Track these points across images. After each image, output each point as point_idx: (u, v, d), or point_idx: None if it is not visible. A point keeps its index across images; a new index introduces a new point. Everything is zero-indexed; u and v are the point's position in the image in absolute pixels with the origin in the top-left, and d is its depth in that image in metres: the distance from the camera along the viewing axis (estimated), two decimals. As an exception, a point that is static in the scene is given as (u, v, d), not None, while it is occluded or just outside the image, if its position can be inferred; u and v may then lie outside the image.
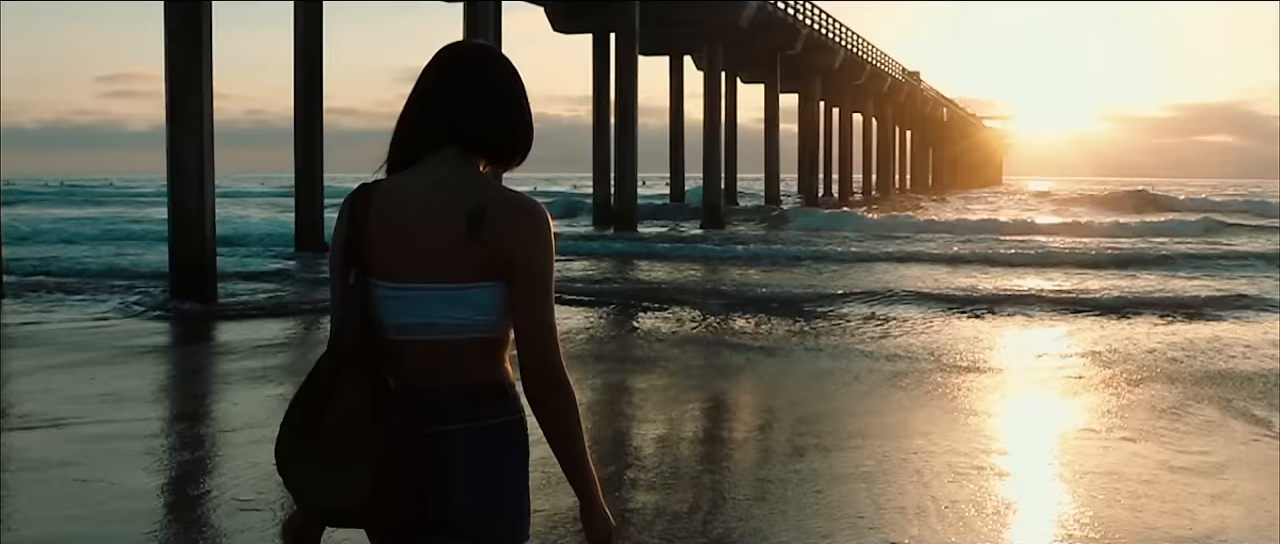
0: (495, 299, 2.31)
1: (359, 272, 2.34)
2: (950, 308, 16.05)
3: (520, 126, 2.43)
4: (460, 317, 2.30)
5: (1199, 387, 10.14)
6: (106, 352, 11.84)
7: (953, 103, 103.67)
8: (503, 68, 2.42)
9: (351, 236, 2.35)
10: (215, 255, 16.81)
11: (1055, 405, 9.59)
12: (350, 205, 2.37)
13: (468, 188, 2.33)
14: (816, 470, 7.11)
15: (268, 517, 6.02)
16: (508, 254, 2.29)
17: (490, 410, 2.32)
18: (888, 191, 74.05)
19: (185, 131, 16.22)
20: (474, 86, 2.38)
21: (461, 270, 2.29)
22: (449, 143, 2.37)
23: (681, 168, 46.88)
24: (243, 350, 12.14)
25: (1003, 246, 27.74)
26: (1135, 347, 12.60)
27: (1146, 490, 6.67)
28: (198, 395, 10.08)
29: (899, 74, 74.24)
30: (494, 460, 2.32)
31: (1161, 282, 20.19)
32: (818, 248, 27.09)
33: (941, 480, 6.85)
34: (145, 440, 7.75)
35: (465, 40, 2.54)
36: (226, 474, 7.05)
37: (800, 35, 46.25)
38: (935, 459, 7.37)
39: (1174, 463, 7.33)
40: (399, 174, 2.40)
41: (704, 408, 9.55)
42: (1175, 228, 34.63)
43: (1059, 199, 64.40)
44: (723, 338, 13.51)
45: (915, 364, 11.33)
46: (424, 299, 2.31)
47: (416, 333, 2.31)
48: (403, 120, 2.42)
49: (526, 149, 2.46)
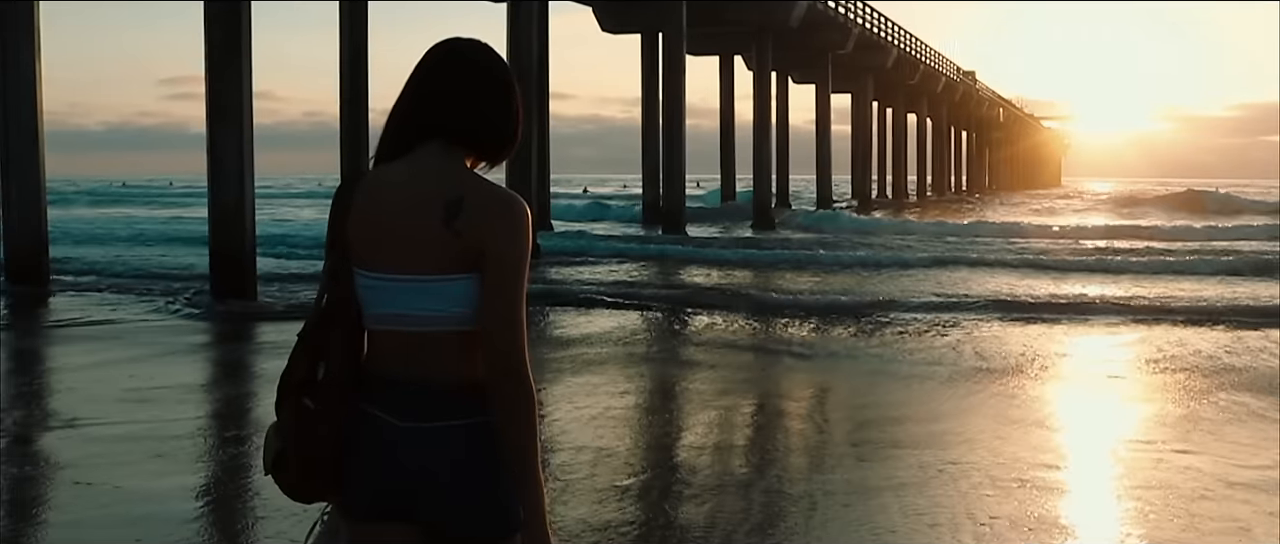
0: (470, 291, 2.30)
1: (337, 259, 2.38)
2: (997, 313, 15.62)
3: (504, 120, 2.43)
4: (435, 308, 2.30)
5: (1259, 397, 9.70)
6: (138, 351, 11.72)
7: (1009, 103, 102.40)
8: (491, 63, 2.43)
9: (334, 225, 2.39)
10: (255, 254, 16.71)
11: (1106, 415, 9.20)
12: (339, 194, 2.41)
13: (447, 179, 2.33)
14: (851, 481, 6.78)
15: (293, 519, 5.79)
16: (481, 246, 2.28)
17: (471, 408, 2.31)
18: (943, 193, 73.22)
19: (225, 129, 16.11)
20: (461, 80, 2.40)
21: (438, 262, 2.29)
22: (435, 135, 2.38)
23: (732, 169, 46.45)
24: (280, 351, 11.97)
25: (1055, 251, 27.11)
26: (1190, 354, 12.13)
27: (1201, 508, 6.29)
28: (226, 396, 9.91)
29: (954, 74, 73.34)
30: (483, 456, 2.31)
31: (1208, 288, 19.59)
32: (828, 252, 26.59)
33: (980, 492, 6.51)
34: (158, 443, 7.56)
35: (459, 37, 2.49)
36: (246, 476, 6.84)
37: (851, 34, 45.73)
38: (975, 471, 7.02)
39: (1232, 478, 6.93)
40: (387, 165, 2.41)
41: (729, 413, 9.24)
42: (1230, 232, 33.58)
43: (1119, 199, 63.23)
44: (756, 342, 13.20)
45: (957, 370, 10.96)
46: (400, 290, 2.32)
47: (393, 323, 2.33)
48: (393, 112, 2.44)
49: (512, 144, 2.45)
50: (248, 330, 13.78)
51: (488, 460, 2.31)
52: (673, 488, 6.70)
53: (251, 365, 11.70)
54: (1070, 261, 23.48)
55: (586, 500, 6.19)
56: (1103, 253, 25.68)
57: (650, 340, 13.28)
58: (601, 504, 6.08)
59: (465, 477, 2.30)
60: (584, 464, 6.86)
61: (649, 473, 6.99)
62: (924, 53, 62.44)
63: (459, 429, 2.31)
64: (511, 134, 2.44)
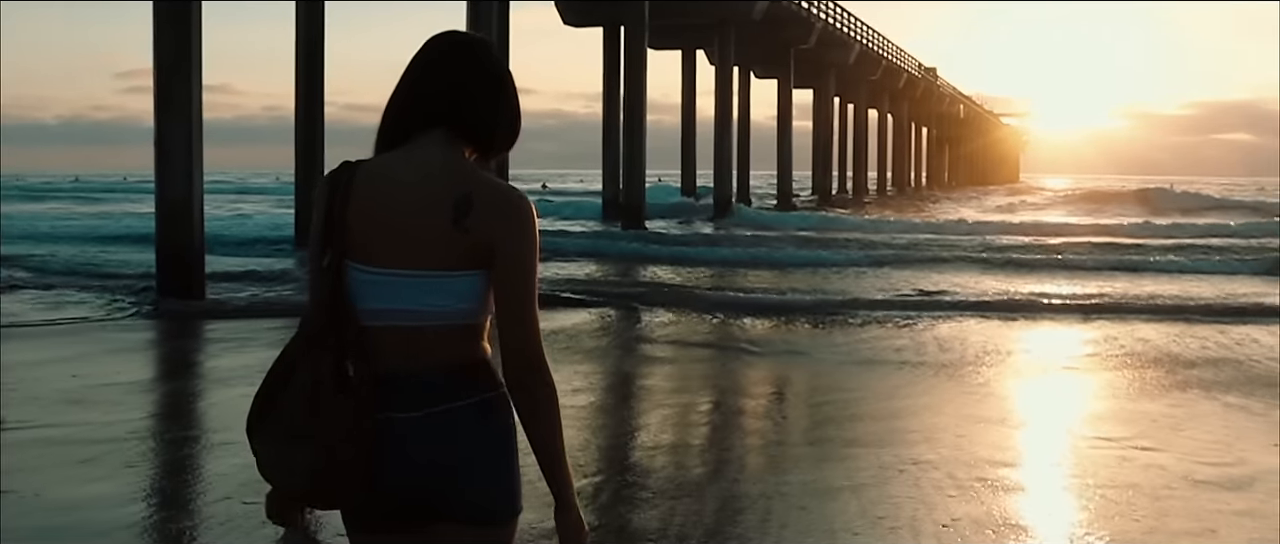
0: (476, 287, 2.29)
1: (334, 254, 2.30)
2: (956, 310, 15.51)
3: (508, 113, 2.43)
4: (441, 304, 2.28)
5: (1219, 394, 9.59)
6: (78, 351, 11.36)
7: (970, 99, 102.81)
8: (492, 56, 2.43)
9: (330, 218, 2.31)
10: (204, 251, 16.32)
11: (1068, 411, 9.03)
12: (330, 184, 2.34)
13: (454, 175, 2.31)
14: (809, 481, 6.57)
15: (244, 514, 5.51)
16: (491, 243, 2.27)
17: (473, 387, 2.30)
18: (903, 189, 73.34)
19: (172, 122, 15.70)
20: (464, 70, 2.38)
21: (445, 258, 2.27)
22: (436, 125, 2.35)
23: (694, 164, 46.21)
24: (225, 350, 11.67)
25: (1014, 249, 27.03)
26: (1148, 350, 12.03)
27: (1167, 507, 6.11)
28: (165, 397, 9.58)
29: (915, 70, 73.49)
30: (482, 437, 2.30)
31: (1165, 285, 19.57)
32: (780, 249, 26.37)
33: (942, 492, 6.31)
34: (88, 447, 7.24)
35: (457, 31, 2.47)
36: (180, 482, 6.55)
37: (814, 29, 45.64)
38: (936, 470, 6.82)
39: (1196, 476, 6.76)
40: (384, 156, 2.37)
41: (685, 412, 9.02)
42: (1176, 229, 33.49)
43: (1075, 197, 63.37)
44: (712, 338, 13.00)
45: (915, 366, 10.80)
46: (404, 286, 2.28)
47: (394, 318, 2.29)
48: (392, 102, 2.40)
49: (513, 137, 2.45)
50: (194, 330, 13.44)
51: (491, 439, 2.31)
52: (625, 491, 6.46)
53: (196, 365, 11.38)
54: (1026, 259, 23.32)
55: (535, 504, 5.86)
56: (1059, 250, 25.56)
57: (605, 338, 13.04)
58: (551, 507, 5.83)
59: (471, 456, 2.29)
60: (533, 466, 6.58)
61: (601, 475, 6.75)
62: (886, 49, 62.47)
63: (460, 410, 2.28)
64: (512, 127, 2.44)
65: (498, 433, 2.32)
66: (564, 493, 2.35)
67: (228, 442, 7.58)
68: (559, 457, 2.35)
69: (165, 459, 7.23)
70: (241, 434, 2.40)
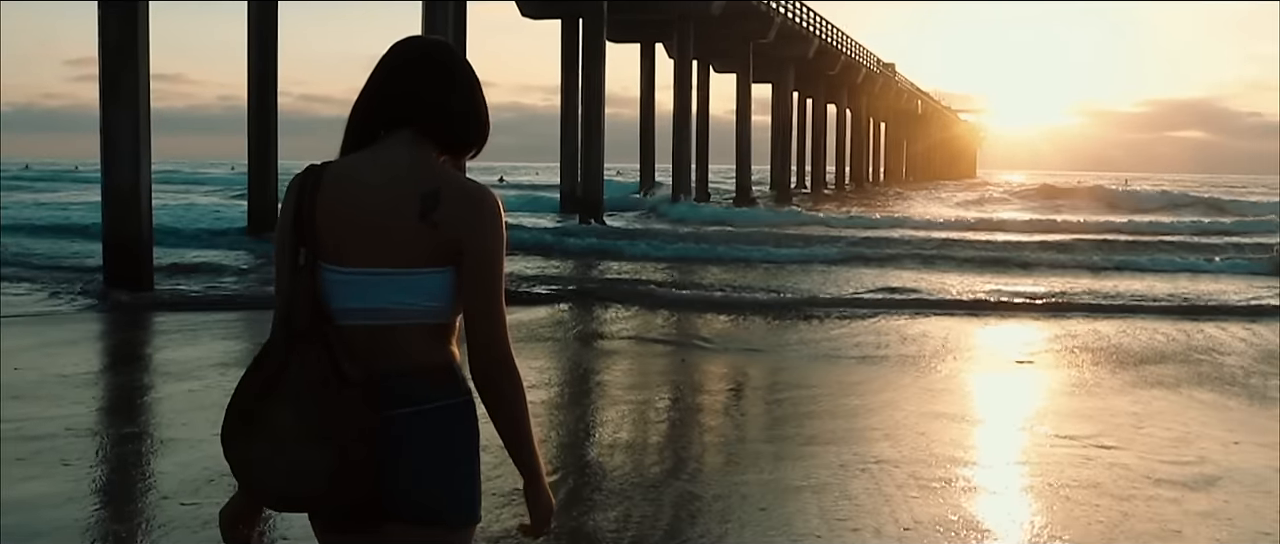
0: (445, 285, 2.29)
1: (308, 253, 2.30)
2: (911, 307, 15.46)
3: (476, 114, 2.44)
4: (409, 302, 2.28)
5: (1180, 390, 9.56)
6: (20, 344, 11.05)
7: (928, 95, 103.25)
8: (458, 58, 2.44)
9: (300, 217, 2.31)
10: (152, 241, 16.00)
11: (1028, 409, 8.95)
12: (299, 185, 2.34)
13: (420, 173, 2.31)
14: (768, 481, 6.43)
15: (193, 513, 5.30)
16: (458, 240, 2.27)
17: (440, 392, 2.30)
18: (862, 184, 73.49)
19: (119, 109, 15.36)
20: (431, 73, 2.39)
21: (412, 256, 2.27)
22: (404, 125, 2.36)
23: (652, 159, 45.99)
24: (172, 344, 11.41)
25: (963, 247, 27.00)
26: (1106, 347, 12.00)
27: (1131, 507, 6.02)
28: (109, 392, 9.32)
29: (874, 65, 73.62)
30: (445, 442, 2.30)
31: (1121, 282, 19.61)
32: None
33: (904, 493, 6.19)
34: (23, 444, 6.99)
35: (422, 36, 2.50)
36: (128, 479, 6.33)
37: (773, 24, 45.53)
38: (897, 469, 6.70)
39: (1158, 475, 6.68)
40: (351, 157, 2.37)
41: (641, 409, 8.87)
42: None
43: (1030, 193, 63.56)
44: (669, 334, 12.86)
45: (872, 362, 10.71)
46: (373, 284, 2.28)
47: (363, 317, 2.29)
48: (358, 104, 2.41)
49: (482, 139, 2.45)
50: (141, 322, 13.14)
51: (454, 444, 2.32)
52: (581, 490, 6.31)
53: (141, 359, 11.10)
54: (983, 256, 23.13)
55: (485, 505, 5.75)
56: (1017, 247, 25.45)
57: (561, 333, 12.86)
58: (503, 509, 5.66)
59: (434, 460, 2.30)
60: (485, 466, 6.41)
61: (556, 475, 6.57)
62: (844, 44, 62.49)
63: (427, 413, 2.29)
64: (480, 128, 2.45)
65: (459, 441, 2.33)
66: (533, 472, 2.38)
67: (172, 439, 7.36)
68: (527, 443, 2.37)
69: (104, 457, 6.99)
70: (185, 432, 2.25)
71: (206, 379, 9.34)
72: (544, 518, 2.43)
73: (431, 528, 2.31)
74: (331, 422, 2.21)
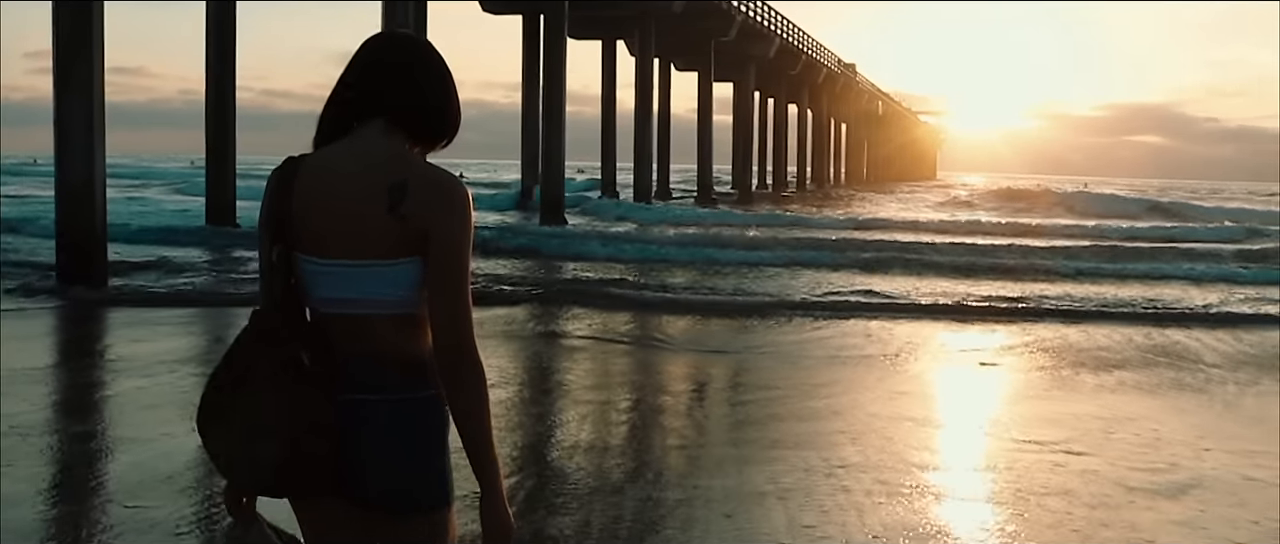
0: (414, 275, 2.31)
1: (281, 247, 2.34)
2: (871, 310, 15.38)
3: (448, 105, 2.46)
4: (380, 292, 2.31)
5: (1147, 395, 9.51)
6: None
7: (888, 96, 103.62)
8: (431, 51, 2.47)
9: (275, 211, 2.35)
10: (106, 236, 15.71)
11: (996, 414, 8.86)
12: (276, 179, 2.38)
13: (390, 163, 2.34)
14: (733, 487, 6.28)
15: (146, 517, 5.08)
16: (426, 230, 2.29)
17: (411, 383, 2.32)
18: (823, 184, 73.62)
19: (73, 101, 15.06)
20: (406, 65, 2.42)
21: (382, 246, 2.30)
22: (376, 116, 2.38)
23: (613, 157, 45.80)
24: (125, 341, 11.14)
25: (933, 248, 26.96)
26: (1071, 351, 11.96)
27: (1103, 515, 5.92)
28: (58, 391, 9.05)
29: (835, 65, 73.73)
30: (415, 431, 2.32)
31: (1084, 287, 19.62)
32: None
33: (872, 499, 6.06)
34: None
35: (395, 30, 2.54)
36: (74, 480, 6.10)
37: (735, 22, 45.47)
38: (864, 474, 6.58)
39: (1130, 482, 6.59)
40: (326, 148, 2.40)
41: (603, 410, 8.71)
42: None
43: (987, 195, 63.84)
44: (630, 335, 12.71)
45: (840, 366, 10.61)
46: (346, 274, 2.32)
47: (339, 307, 2.33)
48: (332, 98, 2.43)
49: (453, 130, 2.48)
50: (94, 318, 12.86)
51: (422, 434, 2.32)
52: (541, 493, 6.14)
53: (93, 357, 10.83)
54: (943, 261, 23.04)
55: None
56: (981, 251, 25.37)
57: (520, 333, 12.67)
58: (459, 515, 5.48)
59: (401, 448, 2.31)
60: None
61: (516, 476, 6.40)
62: (806, 43, 62.53)
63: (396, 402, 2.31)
64: (451, 119, 2.46)
65: (430, 431, 2.34)
66: (490, 481, 2.34)
67: (120, 438, 7.15)
68: (486, 445, 2.34)
69: (50, 457, 6.75)
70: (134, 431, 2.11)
71: (158, 376, 9.11)
72: (499, 538, 2.35)
73: (407, 517, 2.33)
74: (281, 415, 2.24)
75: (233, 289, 15.27)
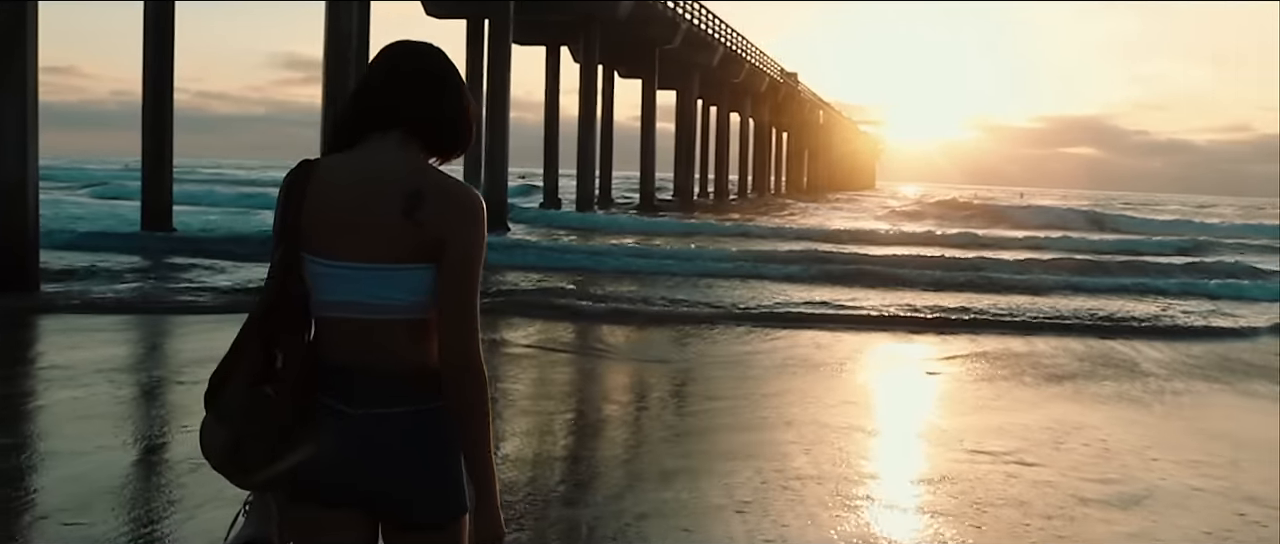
0: (425, 282, 2.35)
1: (288, 247, 2.38)
2: (819, 322, 15.38)
3: (463, 117, 2.49)
4: (390, 296, 2.35)
5: (1094, 406, 9.54)
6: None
7: (829, 106, 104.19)
8: (449, 65, 2.50)
9: (288, 213, 2.39)
10: (38, 240, 15.32)
11: (944, 424, 8.84)
12: (290, 182, 2.42)
13: (406, 171, 2.38)
14: (684, 501, 6.19)
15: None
16: (441, 237, 2.33)
17: (427, 394, 2.36)
18: (764, 192, 73.88)
19: (6, 100, 14.66)
20: (424, 77, 2.45)
21: (396, 251, 2.34)
22: (392, 127, 2.42)
23: (556, 164, 45.65)
24: (57, 350, 10.86)
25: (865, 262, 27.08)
26: (1017, 363, 12.00)
27: (1060, 528, 5.89)
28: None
29: (777, 74, 74.04)
30: (434, 443, 2.36)
31: (1020, 299, 19.77)
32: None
33: (829, 512, 5.99)
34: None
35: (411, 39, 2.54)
36: (15, 493, 5.90)
37: (680, 30, 45.51)
38: (819, 485, 6.51)
39: (1084, 493, 6.58)
40: (340, 154, 2.43)
41: (548, 421, 8.59)
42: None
43: (933, 208, 64.42)
44: (574, 345, 12.60)
45: (790, 378, 10.56)
46: (357, 277, 2.35)
47: (347, 310, 2.37)
48: (348, 105, 2.47)
49: (468, 141, 2.50)
50: (26, 325, 12.53)
51: (438, 445, 2.37)
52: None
53: (23, 366, 10.51)
54: (883, 272, 23.06)
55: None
56: (922, 263, 25.48)
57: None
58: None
59: (418, 461, 2.36)
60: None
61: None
62: (749, 52, 62.73)
63: (411, 415, 2.35)
64: (468, 131, 2.50)
65: (446, 441, 2.38)
66: (487, 488, 2.39)
67: (54, 451, 6.91)
68: (486, 450, 2.39)
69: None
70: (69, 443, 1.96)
71: (93, 386, 8.87)
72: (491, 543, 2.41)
73: (425, 532, 2.39)
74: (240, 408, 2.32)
75: (171, 297, 14.97)
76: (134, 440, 7.33)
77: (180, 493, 5.97)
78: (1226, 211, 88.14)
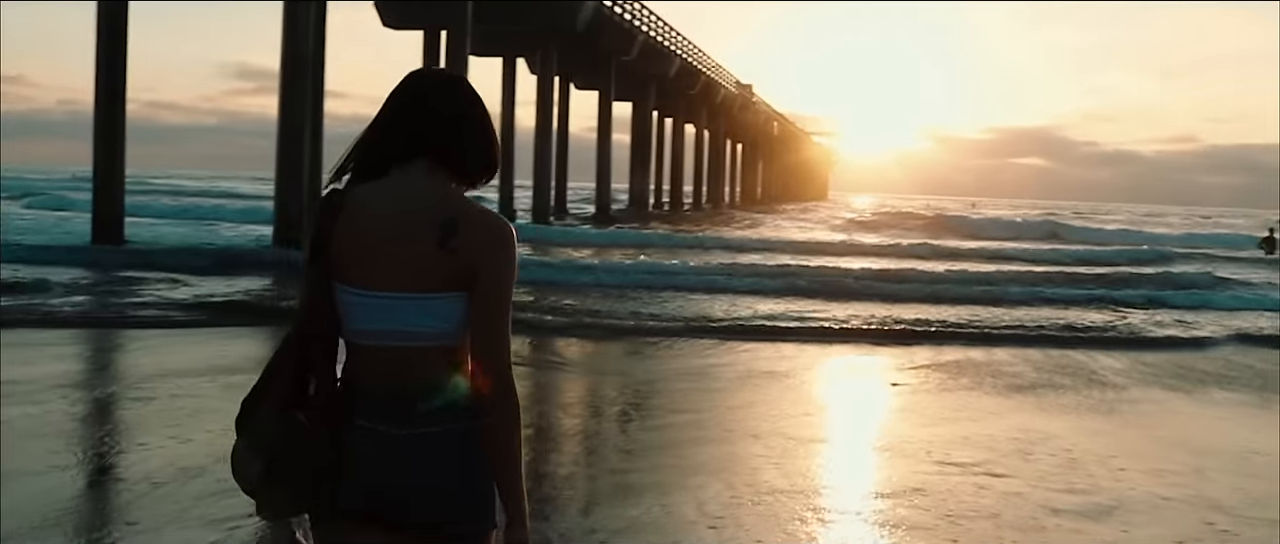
0: (458, 310, 2.39)
1: (318, 275, 2.42)
2: (782, 335, 15.37)
3: (489, 145, 2.52)
4: (427, 324, 2.38)
5: (1059, 416, 9.56)
6: None
7: (784, 117, 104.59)
8: (474, 93, 2.53)
9: (319, 242, 2.42)
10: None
11: (912, 437, 8.81)
12: (322, 211, 2.44)
13: (439, 201, 2.41)
14: (657, 518, 6.12)
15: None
16: (474, 266, 2.36)
17: (464, 414, 2.39)
18: (718, 204, 74.02)
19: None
20: (450, 106, 2.48)
21: (429, 280, 2.37)
22: (419, 157, 2.44)
23: (511, 175, 45.42)
24: (6, 364, 10.63)
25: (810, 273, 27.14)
26: (983, 373, 12.03)
27: (1034, 539, 5.87)
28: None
29: (733, 86, 74.23)
30: (467, 460, 2.39)
31: (981, 310, 19.87)
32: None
33: (804, 527, 5.94)
34: None
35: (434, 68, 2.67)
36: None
37: (637, 41, 45.48)
38: (790, 499, 6.46)
39: (1056, 504, 6.56)
40: (370, 183, 2.45)
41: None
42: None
43: (865, 218, 64.76)
44: (528, 359, 12.51)
45: (756, 390, 10.52)
46: (390, 306, 2.38)
47: (381, 338, 2.39)
48: (371, 133, 2.49)
49: (494, 168, 2.53)
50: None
51: (473, 463, 2.41)
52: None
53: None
54: (844, 284, 23.07)
55: None
56: (882, 276, 25.43)
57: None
58: None
59: (455, 479, 2.39)
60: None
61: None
62: (705, 63, 62.83)
63: (449, 434, 2.38)
64: (492, 158, 2.52)
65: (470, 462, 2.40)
66: (518, 509, 2.43)
67: (6, 472, 6.71)
68: (517, 475, 2.43)
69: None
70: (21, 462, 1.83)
71: (46, 403, 8.67)
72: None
73: None
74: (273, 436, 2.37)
75: (126, 311, 14.74)
76: (90, 459, 7.17)
77: (139, 514, 5.83)
78: (1174, 221, 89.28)
